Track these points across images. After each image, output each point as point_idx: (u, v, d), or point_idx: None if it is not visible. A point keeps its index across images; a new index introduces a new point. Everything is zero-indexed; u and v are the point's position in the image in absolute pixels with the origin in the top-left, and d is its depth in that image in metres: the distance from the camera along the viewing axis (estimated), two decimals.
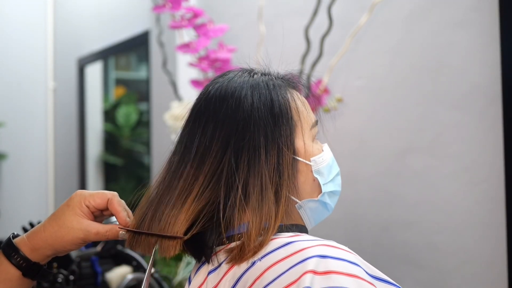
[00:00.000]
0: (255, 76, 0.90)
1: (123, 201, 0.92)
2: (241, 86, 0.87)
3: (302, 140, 0.88)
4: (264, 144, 0.83)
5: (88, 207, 0.90)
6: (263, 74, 0.91)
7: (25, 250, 0.89)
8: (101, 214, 0.93)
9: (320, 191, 0.89)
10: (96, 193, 0.91)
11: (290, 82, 0.92)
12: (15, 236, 0.92)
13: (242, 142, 0.83)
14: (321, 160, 0.89)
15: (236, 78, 0.89)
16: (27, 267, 0.89)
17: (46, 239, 0.89)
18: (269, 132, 0.84)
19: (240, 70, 0.92)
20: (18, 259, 0.88)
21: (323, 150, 0.91)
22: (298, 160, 0.87)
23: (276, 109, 0.86)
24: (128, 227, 0.89)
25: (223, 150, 0.84)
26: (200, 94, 0.92)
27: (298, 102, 0.90)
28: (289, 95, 0.89)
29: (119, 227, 0.90)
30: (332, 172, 0.91)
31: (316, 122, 0.92)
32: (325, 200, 0.90)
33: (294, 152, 0.86)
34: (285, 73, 0.94)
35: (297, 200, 0.87)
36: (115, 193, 0.92)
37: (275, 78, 0.91)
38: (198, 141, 0.86)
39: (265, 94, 0.86)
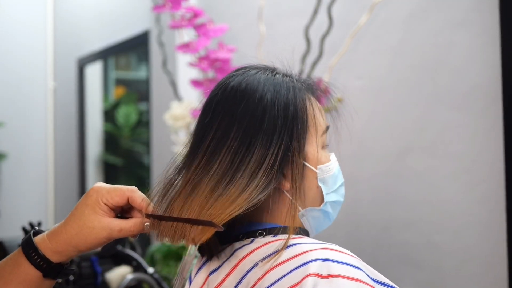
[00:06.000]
0: (277, 75, 0.89)
1: (144, 196, 0.88)
2: (264, 84, 0.86)
3: (314, 146, 0.87)
4: (277, 145, 0.83)
5: (106, 205, 0.86)
6: (285, 75, 0.90)
7: (47, 252, 0.85)
8: (122, 210, 0.89)
9: (323, 199, 0.88)
10: (114, 190, 0.87)
11: (309, 87, 0.91)
12: (36, 232, 0.88)
13: (255, 140, 0.83)
14: (328, 170, 0.88)
15: (258, 75, 0.88)
16: (48, 268, 0.85)
17: (69, 241, 0.85)
18: (283, 134, 0.83)
19: (262, 68, 0.91)
20: (38, 260, 0.85)
21: (330, 160, 0.90)
22: (306, 165, 0.86)
23: (293, 111, 0.85)
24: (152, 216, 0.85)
25: (241, 147, 0.83)
26: (218, 86, 0.90)
27: (316, 108, 0.89)
28: (307, 99, 0.88)
29: (145, 216, 0.86)
30: (337, 182, 0.90)
31: (327, 129, 0.91)
32: (327, 209, 0.89)
33: (304, 157, 0.86)
34: (305, 77, 0.94)
35: (300, 208, 0.86)
36: (134, 188, 0.88)
37: (296, 80, 0.90)
38: (212, 135, 0.84)
39: (285, 95, 0.85)
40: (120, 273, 1.88)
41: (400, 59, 1.90)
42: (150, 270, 1.83)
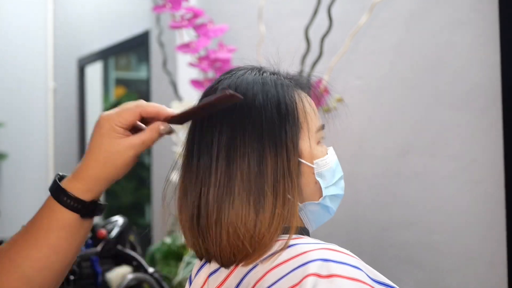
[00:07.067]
0: (264, 74, 0.89)
1: (152, 103, 0.89)
2: (252, 85, 0.86)
3: (307, 142, 0.87)
4: (270, 144, 0.83)
5: (121, 127, 0.87)
6: (272, 73, 0.90)
7: (78, 193, 0.85)
8: (137, 124, 0.90)
9: (321, 194, 0.88)
10: (123, 111, 0.87)
11: (298, 82, 0.91)
12: (60, 177, 0.88)
13: (251, 142, 0.82)
14: (324, 163, 0.88)
15: (246, 76, 0.88)
16: (83, 208, 0.86)
17: (98, 176, 0.86)
18: (275, 132, 0.83)
19: (249, 68, 0.91)
20: (71, 203, 0.85)
21: (327, 153, 0.90)
22: (301, 162, 0.86)
23: (283, 109, 0.84)
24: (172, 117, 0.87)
25: (238, 151, 0.82)
26: (208, 91, 0.90)
27: (306, 103, 0.89)
28: (296, 95, 0.88)
29: (168, 121, 0.88)
30: (336, 176, 0.90)
31: (323, 127, 0.91)
32: (326, 203, 0.89)
33: (299, 154, 0.85)
34: (294, 73, 0.93)
35: (298, 203, 0.86)
36: (140, 102, 0.89)
37: (284, 78, 0.90)
38: (216, 142, 0.84)
39: (273, 94, 0.85)
40: (120, 273, 1.88)
41: (400, 59, 1.90)
42: (151, 270, 1.83)
